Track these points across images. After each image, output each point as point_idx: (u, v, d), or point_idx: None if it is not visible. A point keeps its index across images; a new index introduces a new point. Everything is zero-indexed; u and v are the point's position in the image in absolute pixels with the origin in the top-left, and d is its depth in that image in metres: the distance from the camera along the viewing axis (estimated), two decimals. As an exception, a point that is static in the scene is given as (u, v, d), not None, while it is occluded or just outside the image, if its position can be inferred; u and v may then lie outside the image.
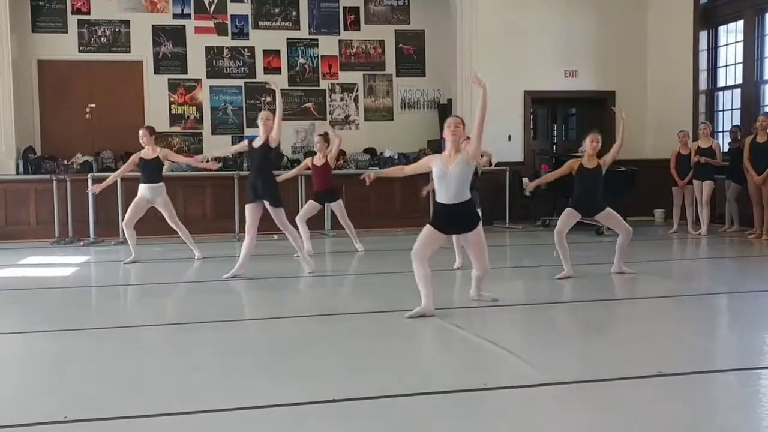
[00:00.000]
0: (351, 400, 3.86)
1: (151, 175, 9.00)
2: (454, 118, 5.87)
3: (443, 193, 5.71)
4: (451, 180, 5.66)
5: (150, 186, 8.97)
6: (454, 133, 5.74)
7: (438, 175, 5.71)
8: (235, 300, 7.12)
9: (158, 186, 9.00)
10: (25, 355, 5.10)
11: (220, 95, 13.76)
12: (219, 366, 4.61)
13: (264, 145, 7.71)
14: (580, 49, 13.81)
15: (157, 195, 8.98)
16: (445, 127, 5.84)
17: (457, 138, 5.74)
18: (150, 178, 9.00)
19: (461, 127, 5.78)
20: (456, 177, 5.65)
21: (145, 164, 9.01)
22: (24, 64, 12.82)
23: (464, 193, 5.71)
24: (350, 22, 14.20)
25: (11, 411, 3.81)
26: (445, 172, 5.66)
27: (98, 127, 12.85)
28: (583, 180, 7.53)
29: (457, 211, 5.71)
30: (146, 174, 9.03)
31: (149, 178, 9.00)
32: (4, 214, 11.63)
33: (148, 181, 9.01)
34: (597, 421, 3.58)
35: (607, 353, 4.85)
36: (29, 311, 6.48)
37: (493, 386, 4.06)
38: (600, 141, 7.54)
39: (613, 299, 6.73)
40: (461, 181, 5.67)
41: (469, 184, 5.75)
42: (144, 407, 3.80)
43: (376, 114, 14.34)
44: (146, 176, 9.03)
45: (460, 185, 5.67)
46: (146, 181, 9.02)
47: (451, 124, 5.77)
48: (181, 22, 13.55)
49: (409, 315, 5.65)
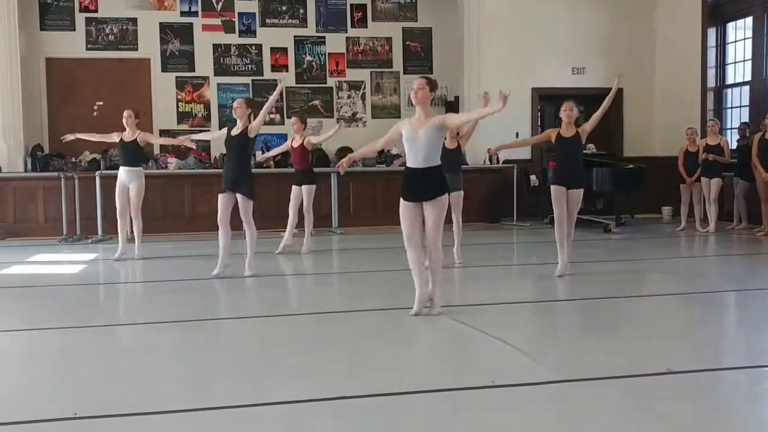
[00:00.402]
0: (356, 397, 3.86)
1: (129, 157, 8.94)
2: (418, 80, 5.54)
3: (412, 157, 5.48)
4: (420, 144, 5.43)
5: (127, 169, 8.91)
6: (416, 95, 5.48)
7: (407, 138, 5.47)
8: (243, 297, 7.13)
9: (136, 170, 8.92)
10: (34, 353, 5.11)
11: (228, 93, 13.76)
12: (226, 363, 4.62)
13: (242, 133, 7.53)
14: (587, 46, 13.78)
15: (133, 179, 8.87)
16: (411, 92, 5.59)
17: (421, 100, 5.47)
18: (127, 161, 8.94)
19: (426, 89, 5.47)
20: (425, 141, 5.41)
21: (123, 146, 8.97)
22: (32, 62, 12.85)
23: (434, 159, 5.47)
24: (357, 20, 14.19)
25: (21, 408, 3.82)
26: (414, 135, 5.43)
27: (106, 124, 12.76)
28: (562, 149, 7.40)
29: (424, 175, 5.46)
30: (124, 156, 9.00)
31: (126, 161, 8.95)
32: (12, 212, 11.67)
33: (125, 164, 8.95)
34: (606, 418, 3.57)
35: (615, 351, 4.84)
36: (37, 309, 6.50)
37: (500, 384, 4.05)
38: (574, 109, 7.28)
39: (621, 297, 6.71)
40: (431, 146, 5.43)
41: (439, 150, 5.51)
42: (153, 404, 3.81)
43: (383, 111, 14.32)
44: (124, 159, 8.99)
45: (429, 149, 5.43)
46: (124, 164, 8.97)
47: (415, 86, 5.50)
48: (188, 20, 13.56)
49: (412, 312, 5.61)
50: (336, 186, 12.08)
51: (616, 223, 11.64)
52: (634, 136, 14.10)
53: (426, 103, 5.50)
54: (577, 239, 7.65)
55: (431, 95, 5.52)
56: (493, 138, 11.84)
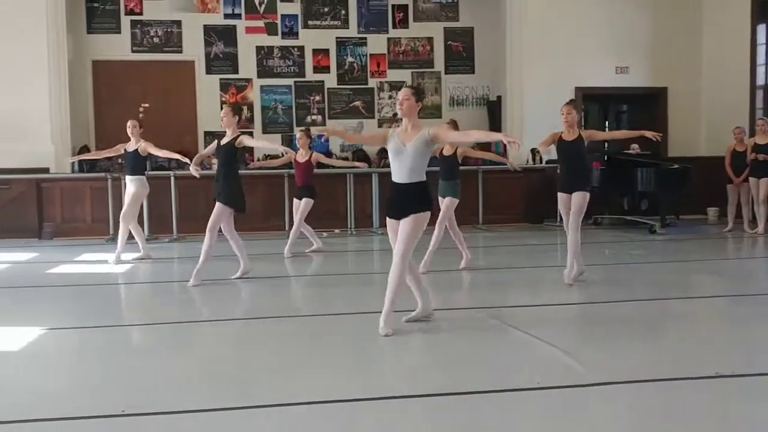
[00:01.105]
0: (403, 397, 3.86)
1: (130, 167, 9.02)
2: (403, 90, 5.27)
3: (396, 171, 5.20)
4: (406, 157, 5.12)
5: (129, 178, 9.02)
6: (401, 105, 5.20)
7: (393, 150, 5.18)
8: (283, 296, 7.18)
9: (136, 178, 8.97)
10: (82, 350, 5.22)
11: (271, 95, 13.89)
12: (272, 360, 4.66)
13: (229, 143, 7.38)
14: (631, 44, 13.58)
15: (134, 186, 8.96)
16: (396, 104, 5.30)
17: (407, 112, 5.18)
18: (130, 170, 9.04)
19: (411, 99, 5.18)
20: (412, 155, 5.10)
21: (126, 156, 9.09)
22: (79, 65, 13.12)
23: (419, 174, 5.16)
24: (399, 20, 14.20)
25: (69, 404, 3.90)
26: (400, 148, 5.13)
27: (151, 126, 12.97)
28: (562, 153, 7.09)
29: (407, 191, 5.15)
30: (127, 166, 9.12)
31: (129, 170, 9.05)
32: (60, 212, 11.91)
33: (128, 172, 9.07)
34: (651, 422, 3.52)
35: (661, 353, 4.76)
36: (85, 307, 6.63)
37: (545, 385, 4.02)
38: (572, 111, 6.94)
39: (666, 298, 6.60)
40: (417, 160, 5.12)
41: (425, 164, 5.19)
42: (199, 402, 3.86)
43: (424, 112, 14.03)
44: (127, 168, 9.11)
45: (415, 163, 5.12)
46: (127, 172, 9.10)
47: (400, 97, 5.22)
48: (232, 22, 13.71)
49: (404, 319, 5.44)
50: (377, 186, 12.10)
51: (661, 224, 11.45)
52: (679, 135, 13.84)
53: (412, 114, 5.19)
54: (622, 240, 7.57)
55: (418, 105, 5.22)
56: (537, 138, 11.72)
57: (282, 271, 8.46)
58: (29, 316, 6.11)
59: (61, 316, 6.28)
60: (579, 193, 6.91)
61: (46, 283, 7.83)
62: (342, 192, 12.18)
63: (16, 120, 11.81)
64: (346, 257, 10.09)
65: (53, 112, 12.15)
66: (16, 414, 3.71)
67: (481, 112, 14.31)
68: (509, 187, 12.62)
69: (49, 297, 7.08)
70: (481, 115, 14.23)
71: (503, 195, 12.73)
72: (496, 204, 12.56)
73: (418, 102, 5.23)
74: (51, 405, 3.88)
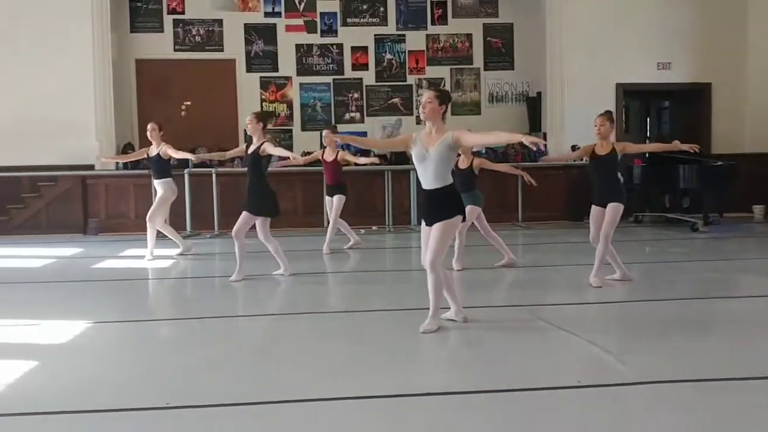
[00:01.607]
0: (452, 394, 3.87)
1: (156, 171, 9.13)
2: (426, 93, 5.11)
3: (422, 177, 5.11)
4: (431, 162, 5.00)
5: (157, 181, 9.12)
6: (424, 109, 5.04)
7: (417, 157, 5.06)
8: (324, 293, 7.24)
9: (163, 181, 9.06)
10: (127, 343, 5.32)
11: (310, 92, 13.97)
12: (315, 355, 4.70)
13: (254, 152, 7.38)
14: (674, 39, 13.35)
15: (161, 189, 9.06)
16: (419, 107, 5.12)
17: (429, 115, 5.03)
18: (155, 174, 9.15)
19: (435, 102, 5.02)
20: (437, 159, 4.98)
21: (150, 160, 9.17)
22: (123, 64, 13.34)
23: (446, 178, 5.05)
24: (438, 17, 14.18)
25: (115, 396, 3.99)
26: (424, 155, 5.02)
27: (193, 124, 13.27)
28: (594, 167, 6.92)
29: (436, 197, 5.06)
30: (152, 170, 9.23)
31: (155, 173, 9.16)
32: (105, 208, 12.15)
33: (154, 176, 9.20)
34: (696, 423, 3.48)
35: (706, 353, 4.70)
36: (129, 301, 6.76)
37: (586, 384, 4.00)
38: (606, 123, 6.72)
39: (710, 298, 6.50)
40: (442, 164, 5.01)
41: (451, 168, 5.11)
42: (243, 395, 3.91)
43: (463, 108, 14.26)
44: (153, 172, 9.23)
45: (441, 168, 5.01)
46: (154, 176, 9.22)
47: (423, 100, 5.08)
48: (272, 21, 13.82)
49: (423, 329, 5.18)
50: (415, 183, 12.10)
51: (704, 221, 11.26)
52: (723, 132, 13.58)
53: (435, 117, 5.03)
54: (664, 238, 7.47)
55: (441, 108, 5.05)
56: (578, 135, 11.67)
57: (320, 267, 8.52)
58: (75, 310, 6.25)
59: (106, 310, 6.40)
60: (613, 205, 6.72)
61: (91, 277, 8.00)
62: (380, 189, 12.22)
63: (62, 118, 12.08)
64: (384, 254, 10.12)
65: (98, 110, 12.38)
66: (63, 405, 3.81)
67: (521, 109, 14.22)
68: (549, 184, 12.50)
69: (94, 291, 7.22)
70: (521, 112, 14.15)
71: (543, 192, 12.57)
72: (535, 201, 12.48)
73: (442, 105, 5.06)
74: (97, 397, 3.97)
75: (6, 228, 11.89)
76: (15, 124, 12.05)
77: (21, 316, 5.97)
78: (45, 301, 6.74)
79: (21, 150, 11.99)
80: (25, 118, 12.05)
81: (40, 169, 11.98)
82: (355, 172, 12.27)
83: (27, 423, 3.62)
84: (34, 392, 4.07)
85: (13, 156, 12.00)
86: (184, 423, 3.62)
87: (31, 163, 11.99)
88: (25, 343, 5.20)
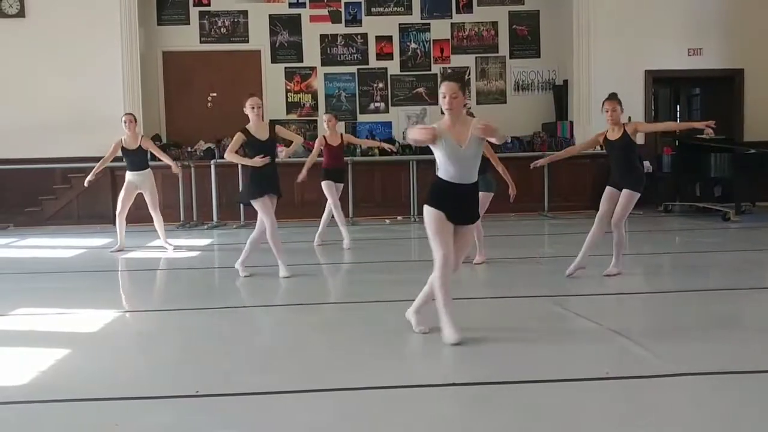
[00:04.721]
0: (478, 384, 3.86)
1: (135, 163, 8.94)
2: (448, 85, 4.67)
3: (455, 173, 4.68)
4: (467, 159, 4.68)
5: (135, 173, 8.95)
6: (450, 103, 4.66)
7: (450, 154, 4.65)
8: (350, 284, 7.24)
9: (144, 172, 8.95)
10: (156, 332, 5.36)
11: (334, 82, 13.96)
12: (343, 345, 4.71)
13: (270, 138, 7.07)
14: (705, 25, 13.13)
15: (145, 182, 8.96)
16: (439, 96, 4.76)
17: (456, 109, 4.68)
18: (134, 167, 8.95)
19: (460, 94, 4.68)
20: (473, 155, 4.71)
21: (127, 154, 8.94)
22: (150, 56, 13.43)
23: (476, 173, 4.82)
24: (462, 5, 14.07)
25: (145, 384, 4.03)
26: (458, 151, 4.64)
27: (219, 115, 13.31)
28: (609, 152, 6.80)
29: (471, 194, 4.80)
30: (130, 163, 8.96)
31: (134, 166, 8.94)
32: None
33: (133, 169, 8.95)
34: (731, 414, 3.43)
35: (736, 344, 4.61)
36: (158, 291, 6.82)
37: (615, 375, 3.95)
38: (615, 107, 6.55)
39: (742, 288, 6.40)
40: (477, 158, 4.78)
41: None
42: (271, 384, 3.92)
43: (488, 97, 14.17)
44: (131, 165, 8.96)
45: (476, 162, 4.78)
46: (131, 169, 8.96)
47: (447, 93, 4.66)
48: (296, 11, 13.82)
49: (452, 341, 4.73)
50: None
51: (736, 211, 11.09)
52: (756, 119, 13.34)
53: (461, 110, 4.76)
54: (694, 228, 7.36)
55: (464, 98, 4.78)
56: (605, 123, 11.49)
57: (341, 257, 8.53)
58: (105, 299, 6.31)
59: (135, 299, 6.47)
60: (628, 192, 6.59)
61: (120, 267, 8.09)
62: (405, 178, 12.21)
63: (91, 110, 12.23)
64: (409, 244, 10.10)
65: (126, 102, 12.46)
66: (93, 392, 3.85)
67: (547, 97, 14.09)
68: (575, 173, 12.42)
69: (123, 281, 7.30)
70: (547, 100, 14.02)
71: (569, 182, 12.54)
72: (561, 191, 12.40)
73: (464, 96, 4.79)
74: (126, 385, 4.01)
75: (39, 219, 12.10)
76: (46, 118, 12.25)
77: (52, 306, 6.05)
78: (75, 291, 6.82)
79: (53, 142, 12.21)
80: (56, 111, 12.26)
81: (71, 161, 12.12)
82: (380, 162, 12.29)
83: (58, 410, 3.67)
84: (65, 380, 4.12)
85: (46, 148, 12.22)
86: (213, 410, 3.63)
87: (63, 155, 12.17)
88: (57, 331, 5.27)
